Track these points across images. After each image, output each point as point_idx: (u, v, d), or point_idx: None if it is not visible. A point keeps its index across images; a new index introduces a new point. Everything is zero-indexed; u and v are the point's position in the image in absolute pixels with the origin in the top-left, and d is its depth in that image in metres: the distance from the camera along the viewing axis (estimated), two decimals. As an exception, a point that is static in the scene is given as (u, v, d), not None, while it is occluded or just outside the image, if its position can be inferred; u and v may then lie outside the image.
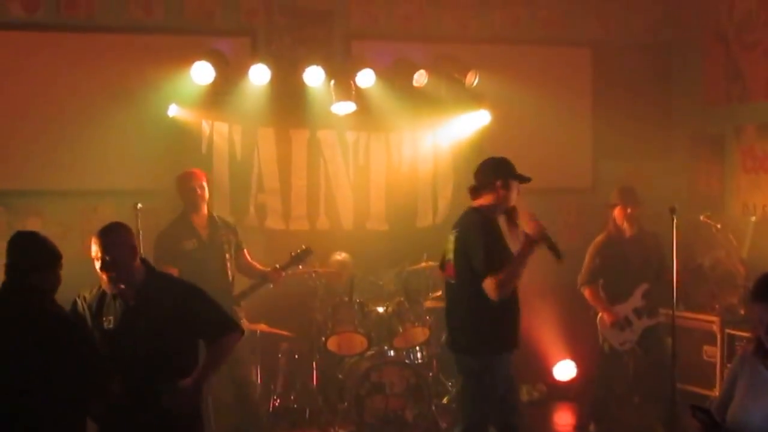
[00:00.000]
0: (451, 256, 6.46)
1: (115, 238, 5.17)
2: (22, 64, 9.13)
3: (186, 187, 7.86)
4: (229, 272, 7.75)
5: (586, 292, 8.24)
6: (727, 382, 4.69)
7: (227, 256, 7.72)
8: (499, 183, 6.37)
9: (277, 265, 8.00)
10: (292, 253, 8.02)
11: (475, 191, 6.52)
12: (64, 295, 5.09)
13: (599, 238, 8.38)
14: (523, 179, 6.44)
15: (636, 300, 8.14)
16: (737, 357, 4.85)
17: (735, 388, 4.57)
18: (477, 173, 6.55)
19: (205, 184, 7.93)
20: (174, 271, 7.22)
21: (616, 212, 8.31)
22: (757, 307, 4.40)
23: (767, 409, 4.33)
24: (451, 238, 6.48)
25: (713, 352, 8.48)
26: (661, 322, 8.15)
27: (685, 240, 7.18)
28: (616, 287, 8.22)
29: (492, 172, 6.45)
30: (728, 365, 5.48)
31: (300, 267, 8.28)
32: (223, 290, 7.38)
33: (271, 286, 8.07)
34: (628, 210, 8.24)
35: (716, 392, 7.16)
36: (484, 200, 6.44)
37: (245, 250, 7.97)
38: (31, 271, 4.77)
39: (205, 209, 7.85)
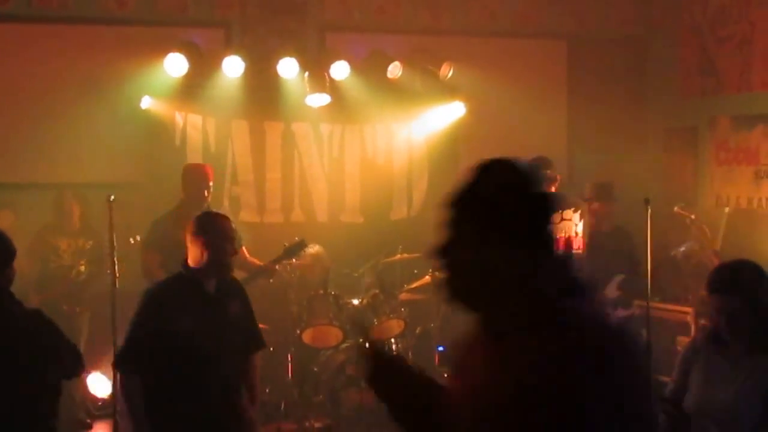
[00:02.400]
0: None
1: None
2: (-8, 56, 9.07)
3: (194, 182, 7.68)
4: None
5: None
6: (679, 372, 4.69)
7: None
8: None
9: (270, 260, 7.86)
10: (286, 245, 7.95)
11: None
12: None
13: (572, 230, 8.40)
14: None
15: (611, 291, 8.16)
16: (687, 347, 4.86)
17: (688, 378, 4.58)
18: None
19: (212, 184, 7.78)
20: (158, 258, 7.22)
21: (590, 207, 8.32)
22: (713, 298, 4.41)
23: (728, 398, 4.34)
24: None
25: (687, 343, 8.51)
26: (635, 314, 8.17)
27: (659, 231, 7.19)
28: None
29: None
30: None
31: (294, 260, 8.18)
32: None
33: (270, 280, 8.03)
34: (602, 206, 8.25)
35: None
36: None
37: (243, 247, 7.74)
38: None
39: (206, 204, 7.66)
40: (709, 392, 4.43)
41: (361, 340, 3.43)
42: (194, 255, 5.08)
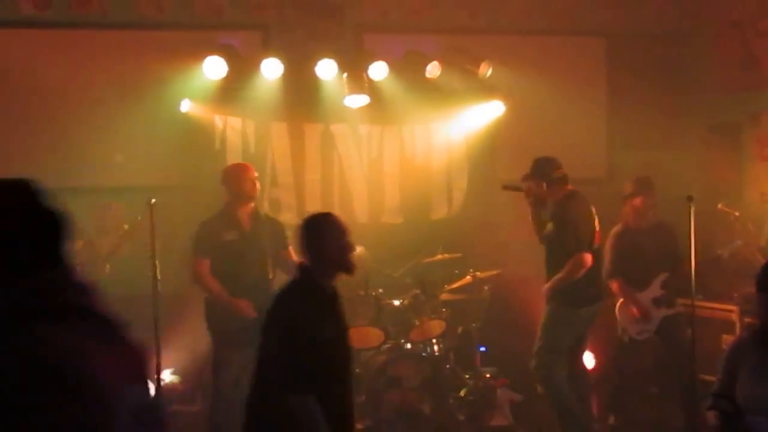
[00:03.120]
0: None
1: None
2: (33, 62, 9.14)
3: (237, 180, 7.58)
4: (269, 267, 7.56)
5: (614, 285, 8.21)
6: (726, 370, 4.66)
7: (268, 251, 7.53)
8: None
9: None
10: None
11: None
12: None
13: (616, 229, 8.34)
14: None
15: (654, 290, 8.10)
16: (733, 345, 4.82)
17: (736, 376, 4.54)
18: None
19: (256, 180, 7.67)
20: (207, 263, 7.20)
21: (632, 203, 8.26)
22: (762, 295, 4.38)
23: None
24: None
25: (732, 342, 8.41)
26: (680, 312, 8.09)
27: (702, 229, 7.12)
28: (633, 277, 8.17)
29: None
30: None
31: None
32: (260, 284, 7.31)
33: None
34: (645, 199, 8.19)
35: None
36: None
37: (290, 248, 7.68)
38: None
39: (252, 204, 7.64)
40: (760, 389, 4.39)
41: None
42: (313, 258, 5.07)
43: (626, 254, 8.18)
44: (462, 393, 8.55)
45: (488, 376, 8.73)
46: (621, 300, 8.18)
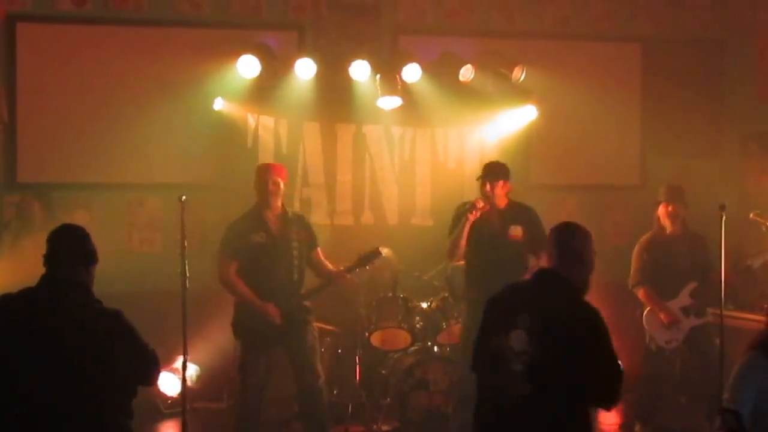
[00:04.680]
0: None
1: None
2: (69, 58, 9.24)
3: (260, 180, 7.38)
4: (296, 268, 7.36)
5: (641, 293, 8.16)
6: (748, 390, 4.51)
7: (295, 253, 7.34)
8: None
9: (342, 267, 7.55)
10: (360, 254, 7.88)
11: None
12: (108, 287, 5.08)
13: (645, 236, 8.30)
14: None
15: (683, 299, 8.04)
16: (748, 366, 4.66)
17: (759, 394, 4.45)
18: None
19: (280, 180, 7.39)
20: (234, 265, 7.17)
21: (661, 210, 8.22)
22: None
23: None
24: None
25: (762, 353, 8.33)
26: (710, 322, 8.03)
27: (734, 239, 7.07)
28: (662, 286, 8.12)
29: None
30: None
31: (367, 268, 7.97)
32: (288, 285, 7.24)
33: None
34: (670, 207, 8.15)
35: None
36: None
37: (318, 248, 7.57)
38: (76, 263, 4.75)
39: (278, 204, 7.39)
40: None
41: None
42: (581, 268, 4.93)
43: (655, 262, 8.13)
44: (488, 397, 8.52)
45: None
46: (648, 308, 8.13)
